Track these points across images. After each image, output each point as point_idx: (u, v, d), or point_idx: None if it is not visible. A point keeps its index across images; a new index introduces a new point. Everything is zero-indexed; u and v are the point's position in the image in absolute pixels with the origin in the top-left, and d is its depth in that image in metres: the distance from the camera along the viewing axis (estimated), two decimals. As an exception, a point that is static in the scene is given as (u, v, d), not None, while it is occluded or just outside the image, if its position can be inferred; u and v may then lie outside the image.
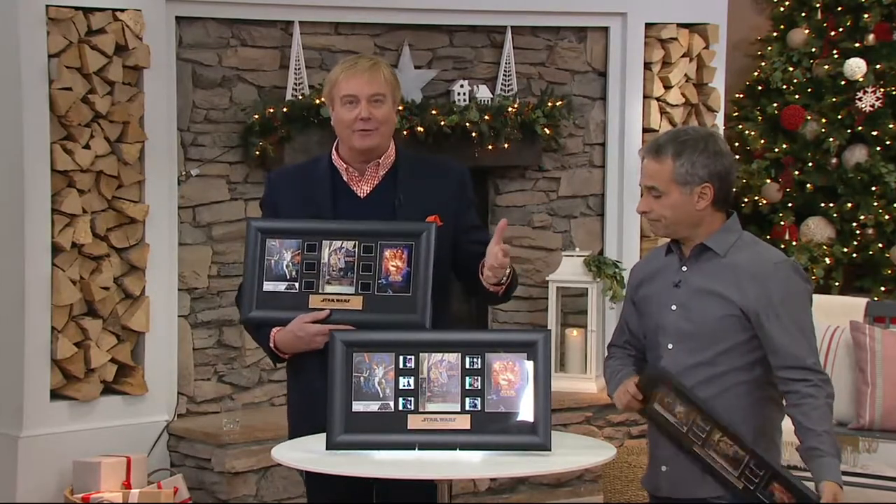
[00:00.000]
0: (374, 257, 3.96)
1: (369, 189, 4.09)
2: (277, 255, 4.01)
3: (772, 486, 3.54)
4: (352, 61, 4.08)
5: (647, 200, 3.76)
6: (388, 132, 4.09)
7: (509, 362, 3.73)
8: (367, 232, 3.98)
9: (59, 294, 5.80)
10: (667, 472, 3.79)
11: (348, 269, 3.97)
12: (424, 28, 6.75)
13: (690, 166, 3.70)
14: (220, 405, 6.35)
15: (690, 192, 3.71)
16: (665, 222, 3.76)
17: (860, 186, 7.61)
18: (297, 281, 3.99)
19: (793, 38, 7.91)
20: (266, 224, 4.08)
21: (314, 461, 3.68)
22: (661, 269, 3.84)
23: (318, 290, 3.98)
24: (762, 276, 3.69)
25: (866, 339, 6.00)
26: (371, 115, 4.00)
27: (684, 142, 3.72)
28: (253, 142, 6.29)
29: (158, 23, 6.03)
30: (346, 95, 4.01)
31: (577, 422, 6.69)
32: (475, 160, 6.69)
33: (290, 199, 4.12)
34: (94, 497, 5.67)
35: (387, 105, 4.04)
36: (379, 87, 4.01)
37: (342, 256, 3.98)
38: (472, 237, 4.16)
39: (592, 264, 6.88)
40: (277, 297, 4.00)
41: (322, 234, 3.99)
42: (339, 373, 3.73)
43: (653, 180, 3.73)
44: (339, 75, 4.04)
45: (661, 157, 3.72)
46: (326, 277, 3.98)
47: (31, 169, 5.74)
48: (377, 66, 4.05)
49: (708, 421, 3.60)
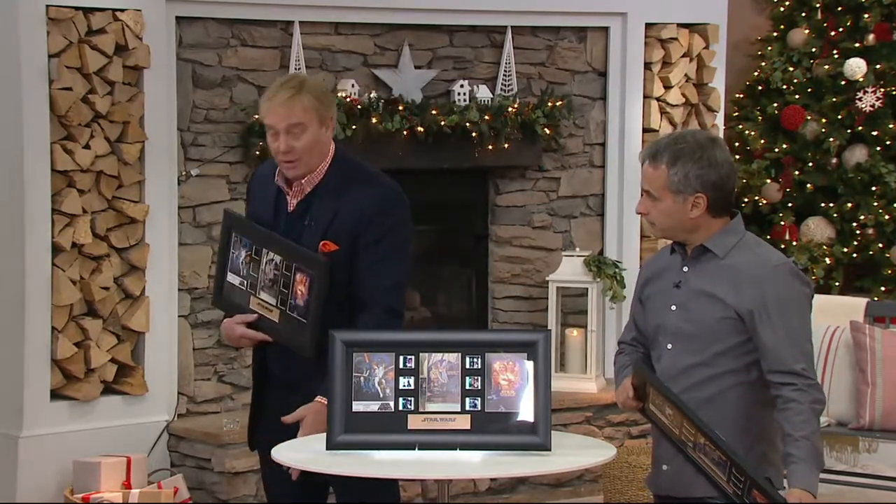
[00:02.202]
0: (290, 276, 4.04)
1: (295, 203, 4.12)
2: (238, 250, 4.18)
3: (753, 492, 3.53)
4: (274, 89, 4.04)
5: (645, 202, 3.78)
6: (316, 156, 4.05)
7: (509, 362, 3.73)
8: (285, 251, 4.05)
9: (59, 294, 5.80)
10: (668, 471, 3.79)
11: (275, 282, 4.07)
12: (424, 28, 6.75)
13: (684, 176, 3.69)
14: (220, 405, 6.35)
15: (683, 200, 3.71)
16: (659, 226, 3.78)
17: (860, 186, 7.61)
18: (246, 280, 4.15)
19: (793, 38, 7.91)
20: (234, 218, 4.26)
21: (314, 461, 3.68)
22: (665, 268, 3.85)
23: (257, 293, 4.12)
24: (759, 277, 3.68)
25: (866, 339, 6.01)
26: (290, 147, 4.00)
27: (681, 149, 3.71)
28: (253, 142, 6.29)
29: (158, 23, 6.03)
30: (267, 125, 4.04)
31: (577, 422, 6.69)
32: (475, 160, 6.69)
33: (255, 197, 4.27)
34: (94, 497, 5.67)
35: (308, 133, 4.00)
36: (296, 118, 3.99)
37: (272, 269, 4.08)
38: (362, 265, 4.03)
39: (592, 264, 6.87)
40: (234, 289, 4.18)
41: (264, 241, 4.10)
42: (339, 373, 3.73)
43: (648, 185, 3.75)
44: (264, 102, 4.06)
45: (657, 164, 3.72)
46: (262, 283, 4.10)
47: (31, 169, 5.74)
48: (296, 95, 3.99)
49: (691, 424, 3.59)
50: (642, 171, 3.78)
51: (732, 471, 3.52)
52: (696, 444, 3.59)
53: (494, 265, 7.09)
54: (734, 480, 3.53)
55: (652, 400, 3.68)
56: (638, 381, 3.71)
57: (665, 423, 3.66)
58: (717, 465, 3.56)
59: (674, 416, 3.61)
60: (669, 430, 3.66)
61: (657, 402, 3.66)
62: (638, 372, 3.71)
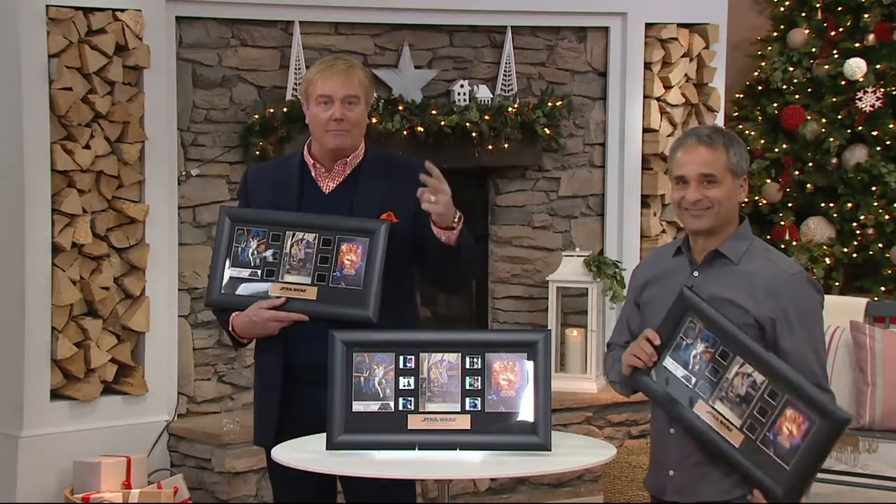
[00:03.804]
0: (331, 250, 4.11)
1: (334, 185, 4.21)
2: (244, 242, 4.18)
3: (781, 419, 3.54)
4: (329, 62, 4.20)
5: (698, 188, 3.72)
6: (360, 133, 4.20)
7: (509, 362, 3.73)
8: (326, 226, 4.12)
9: (59, 294, 5.80)
10: (674, 477, 3.76)
11: (307, 261, 4.12)
12: (424, 28, 6.75)
13: (739, 157, 3.75)
14: (220, 405, 6.35)
15: (737, 182, 3.74)
16: (718, 209, 3.71)
17: (860, 186, 7.61)
18: (260, 269, 4.16)
19: (793, 38, 7.91)
20: (235, 212, 4.25)
21: (314, 461, 3.68)
22: (670, 271, 3.81)
23: (278, 279, 4.12)
24: (777, 286, 3.67)
25: (866, 339, 6.01)
26: (344, 115, 4.13)
27: (728, 135, 3.78)
28: (253, 142, 6.29)
29: (158, 23, 6.03)
30: (321, 95, 4.14)
31: (577, 422, 6.69)
32: (475, 160, 6.69)
33: (259, 195, 4.27)
34: (94, 497, 5.67)
35: (360, 107, 4.16)
36: (353, 89, 4.14)
37: (303, 248, 4.14)
38: (429, 227, 4.13)
39: (592, 264, 6.88)
40: (240, 282, 4.17)
41: (286, 225, 4.16)
42: (339, 373, 3.74)
43: (710, 167, 3.71)
44: (316, 75, 4.17)
45: (715, 146, 3.73)
46: (287, 267, 4.13)
47: (31, 169, 5.74)
48: (353, 69, 4.17)
49: (735, 345, 3.59)
50: (693, 156, 3.72)
51: (765, 397, 3.56)
52: (717, 386, 3.59)
53: (494, 265, 7.09)
54: (755, 417, 3.56)
55: (677, 344, 3.66)
56: (677, 307, 3.68)
57: (679, 377, 3.64)
58: (736, 408, 3.57)
59: (700, 356, 3.62)
60: (682, 385, 3.64)
61: (686, 343, 3.65)
62: (685, 298, 3.68)
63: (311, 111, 4.17)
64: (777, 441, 3.57)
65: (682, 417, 3.67)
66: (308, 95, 4.19)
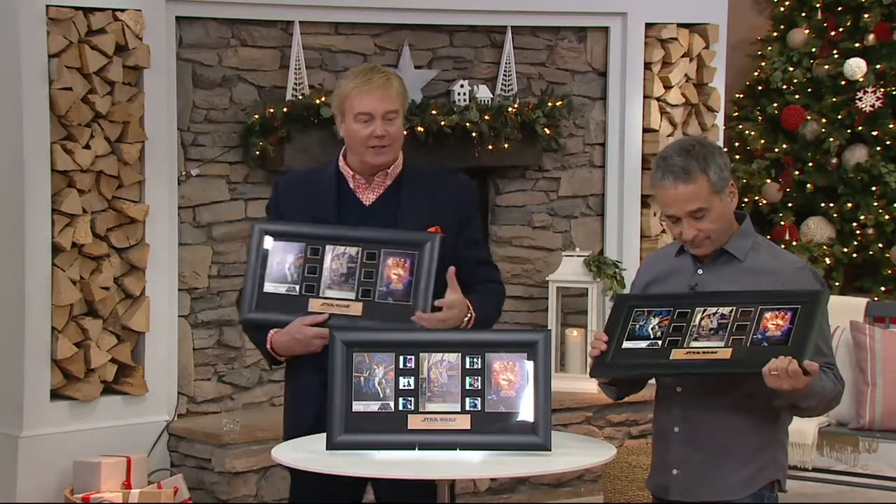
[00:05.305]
0: (376, 264, 3.98)
1: (375, 197, 4.11)
2: (280, 257, 4.03)
3: (762, 322, 3.55)
4: (365, 76, 4.05)
5: (690, 224, 3.66)
6: (400, 145, 4.12)
7: (509, 362, 3.73)
8: (371, 239, 4.00)
9: (59, 294, 5.80)
10: (678, 476, 3.76)
11: (350, 275, 3.99)
12: (424, 28, 6.75)
13: (719, 172, 3.65)
14: (220, 405, 6.36)
15: (725, 195, 3.68)
16: (714, 237, 3.69)
17: (860, 186, 7.61)
18: (298, 284, 4.01)
19: (793, 38, 7.91)
20: (271, 226, 4.10)
21: (314, 461, 3.68)
22: (674, 270, 3.80)
23: (318, 294, 4.00)
24: (784, 281, 3.67)
25: (866, 339, 6.01)
26: (386, 132, 4.03)
27: (698, 153, 3.66)
28: (253, 142, 6.29)
29: (158, 23, 6.03)
30: (361, 113, 4.01)
31: (577, 422, 6.69)
32: (475, 160, 6.69)
33: (295, 208, 4.13)
34: (94, 497, 5.67)
35: (399, 119, 4.07)
36: (392, 104, 4.03)
37: (345, 262, 4.00)
38: (469, 252, 4.13)
39: (592, 264, 6.88)
40: (277, 298, 4.01)
41: (326, 239, 4.01)
42: (339, 373, 3.73)
43: (695, 202, 3.64)
44: (353, 90, 4.03)
45: (692, 177, 3.63)
46: (328, 282, 3.99)
47: (31, 169, 5.74)
48: (390, 81, 4.04)
49: (689, 300, 3.62)
50: (672, 196, 3.65)
51: (736, 317, 3.57)
52: (686, 334, 3.60)
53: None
54: (736, 331, 3.55)
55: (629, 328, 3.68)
56: (617, 304, 3.72)
57: (644, 347, 3.64)
58: (714, 336, 3.58)
59: (658, 324, 3.65)
60: (649, 351, 3.64)
61: (637, 325, 3.67)
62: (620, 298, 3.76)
63: (350, 127, 4.04)
64: (766, 336, 3.55)
65: (665, 371, 3.66)
66: (344, 110, 4.04)
